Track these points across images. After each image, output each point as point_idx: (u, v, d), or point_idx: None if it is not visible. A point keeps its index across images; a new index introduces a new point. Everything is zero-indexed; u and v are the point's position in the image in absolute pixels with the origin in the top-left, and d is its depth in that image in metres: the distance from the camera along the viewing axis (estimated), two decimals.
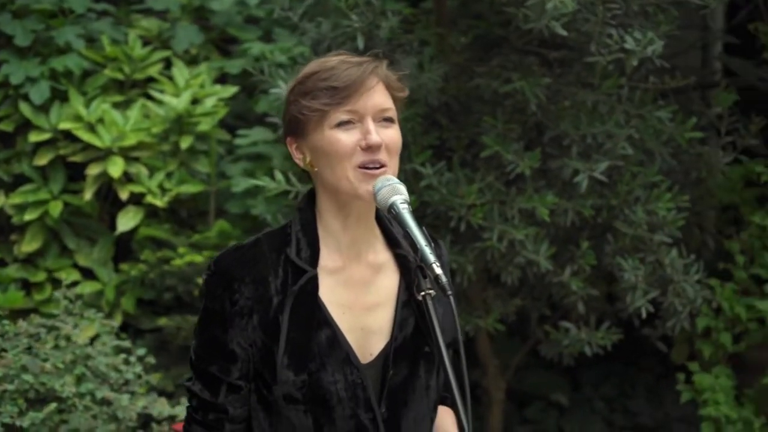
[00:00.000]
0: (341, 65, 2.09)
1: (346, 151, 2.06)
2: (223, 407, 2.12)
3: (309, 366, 2.06)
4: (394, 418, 2.12)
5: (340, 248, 2.13)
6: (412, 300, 2.15)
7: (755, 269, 4.51)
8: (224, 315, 2.10)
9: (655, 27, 3.78)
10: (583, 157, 3.93)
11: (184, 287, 4.60)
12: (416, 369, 2.15)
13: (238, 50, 5.42)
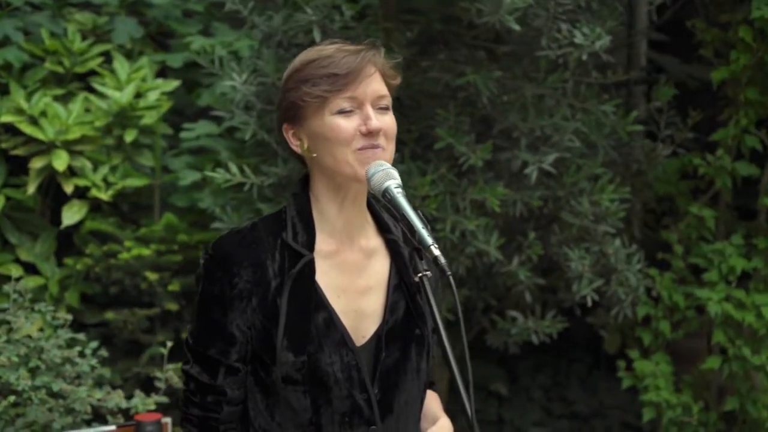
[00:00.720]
0: (339, 53, 2.13)
1: (347, 137, 2.09)
2: (222, 389, 2.15)
3: (308, 348, 2.10)
4: (386, 399, 2.16)
5: (335, 233, 2.17)
6: (402, 284, 2.20)
7: (692, 258, 4.66)
8: (223, 298, 2.12)
9: (602, 22, 3.91)
10: (531, 150, 4.03)
11: (131, 281, 4.58)
12: (408, 351, 2.20)
13: (176, 44, 5.42)
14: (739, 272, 4.52)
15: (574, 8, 3.83)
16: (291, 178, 4.00)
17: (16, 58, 4.85)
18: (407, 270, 2.21)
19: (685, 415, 4.59)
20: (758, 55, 4.33)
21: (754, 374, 4.58)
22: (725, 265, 4.52)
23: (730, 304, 4.45)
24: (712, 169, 4.57)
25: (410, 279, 2.21)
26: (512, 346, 4.46)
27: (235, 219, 4.25)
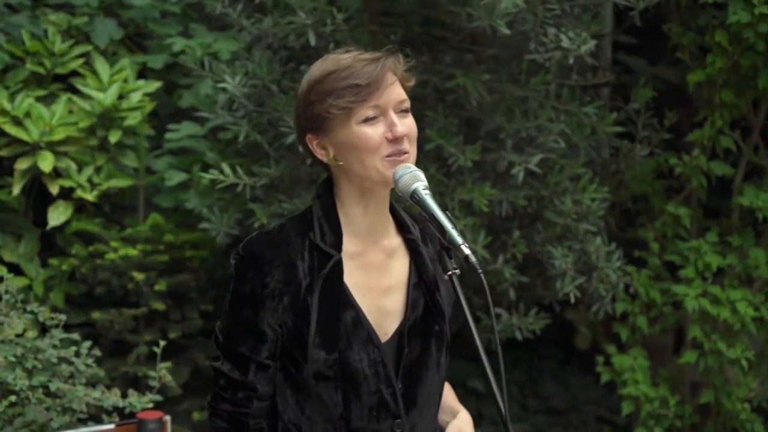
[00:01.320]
0: (358, 63, 2.20)
1: (375, 144, 2.16)
2: (252, 385, 2.22)
3: (341, 342, 2.18)
4: (410, 393, 2.25)
5: (360, 234, 2.25)
6: (421, 282, 2.28)
7: (668, 256, 4.80)
8: (255, 297, 2.19)
9: (586, 27, 4.02)
10: (517, 150, 4.13)
11: (117, 281, 4.61)
12: (428, 347, 2.29)
13: (154, 45, 5.45)
14: (714, 269, 4.66)
15: (560, 13, 3.94)
16: (282, 179, 4.07)
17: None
18: (426, 268, 2.30)
19: (662, 408, 4.73)
20: (733, 58, 4.47)
21: (728, 368, 4.73)
22: (701, 262, 4.65)
23: (706, 300, 4.59)
24: (688, 169, 4.71)
25: (428, 277, 2.30)
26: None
27: (224, 219, 4.31)
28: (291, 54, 4.18)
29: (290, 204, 4.02)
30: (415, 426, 2.26)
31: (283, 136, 3.95)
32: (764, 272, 4.70)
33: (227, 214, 4.38)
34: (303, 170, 4.08)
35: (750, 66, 4.50)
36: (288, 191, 4.08)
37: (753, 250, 4.71)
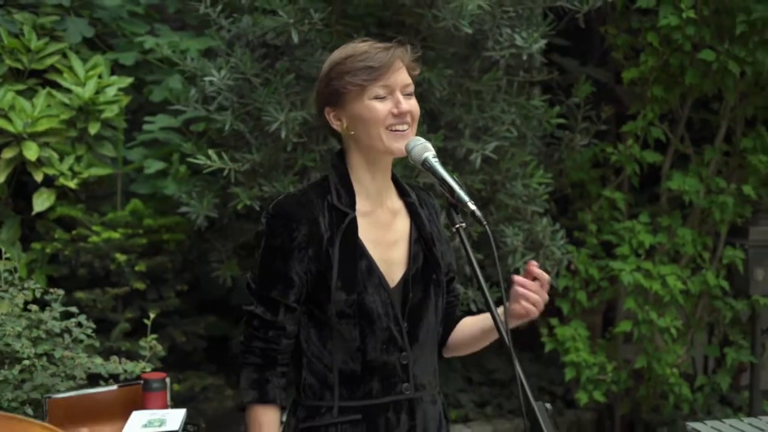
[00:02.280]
0: (372, 49, 2.62)
1: (382, 117, 2.59)
2: (282, 325, 2.61)
3: (357, 286, 2.59)
4: (413, 330, 2.67)
5: (369, 196, 2.66)
6: (420, 238, 2.71)
7: (605, 236, 5.30)
8: (284, 249, 2.58)
9: (536, 28, 4.48)
10: (474, 139, 4.57)
11: (100, 262, 4.93)
12: (428, 292, 2.71)
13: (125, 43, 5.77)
14: (646, 246, 5.18)
15: (514, 15, 4.39)
16: (262, 164, 4.45)
17: None
18: (424, 227, 2.72)
19: (601, 372, 5.23)
20: (663, 57, 4.99)
21: (658, 336, 5.25)
22: (634, 241, 5.17)
23: (639, 275, 5.11)
24: (623, 157, 5.23)
25: (426, 234, 2.72)
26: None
27: (203, 203, 4.66)
28: (267, 51, 4.57)
29: (270, 187, 4.40)
30: (417, 359, 2.68)
31: (264, 125, 4.33)
32: (690, 249, 5.24)
33: (205, 199, 4.74)
34: (281, 157, 4.46)
35: (678, 64, 5.03)
36: (267, 176, 4.46)
37: (680, 229, 5.25)
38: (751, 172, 5.24)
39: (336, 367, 2.62)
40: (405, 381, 2.64)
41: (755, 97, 5.25)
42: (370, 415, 2.62)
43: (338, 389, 2.62)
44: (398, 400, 2.64)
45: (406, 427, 2.65)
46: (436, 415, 2.73)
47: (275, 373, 2.63)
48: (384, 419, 2.63)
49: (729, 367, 5.45)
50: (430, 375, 2.73)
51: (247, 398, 2.64)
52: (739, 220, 5.33)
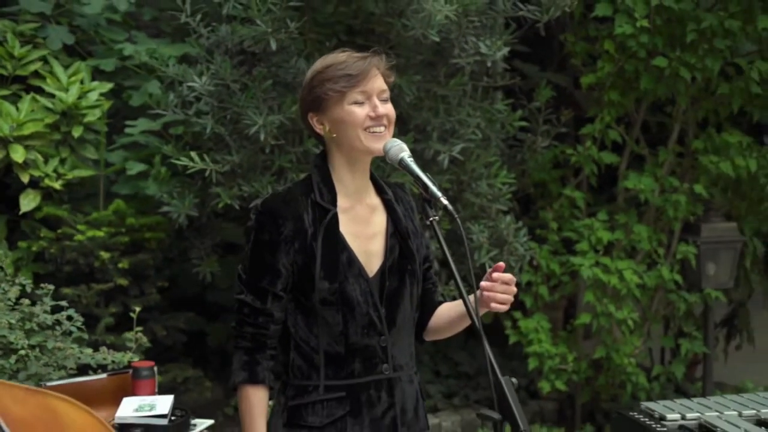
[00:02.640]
0: (350, 59, 2.88)
1: (360, 120, 2.84)
2: (270, 312, 2.85)
3: (339, 276, 2.84)
4: (391, 316, 2.92)
5: (349, 194, 2.92)
6: (396, 232, 2.96)
7: (565, 233, 5.60)
8: (272, 243, 2.83)
9: (499, 36, 4.76)
10: (441, 141, 4.84)
11: (85, 260, 5.15)
12: (404, 281, 2.96)
13: (104, 50, 5.99)
14: (604, 243, 5.48)
15: (479, 24, 4.67)
16: (242, 165, 4.69)
17: None
18: (399, 222, 2.98)
19: (562, 362, 5.52)
20: (619, 64, 5.29)
21: (616, 328, 5.55)
22: (593, 237, 5.46)
23: (598, 269, 5.40)
24: (582, 158, 5.52)
25: (402, 228, 2.97)
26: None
27: (185, 203, 4.90)
28: (245, 57, 4.81)
29: (248, 187, 4.64)
30: (395, 342, 2.93)
31: (243, 129, 4.58)
32: (646, 245, 5.54)
33: (185, 199, 4.97)
34: (259, 158, 4.70)
35: (633, 70, 5.34)
36: (246, 176, 4.71)
37: (636, 226, 5.56)
38: (702, 173, 5.56)
39: (321, 349, 2.86)
40: (384, 362, 2.89)
41: (705, 101, 5.56)
42: (353, 393, 2.86)
43: (324, 370, 2.86)
44: (378, 379, 2.89)
45: (386, 404, 2.90)
46: (413, 393, 2.99)
47: (264, 356, 2.87)
48: (366, 396, 2.87)
49: (683, 358, 5.76)
50: (407, 357, 2.98)
51: (238, 378, 2.87)
52: (691, 217, 5.64)
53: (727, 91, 5.37)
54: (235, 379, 2.88)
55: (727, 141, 5.47)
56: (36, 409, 2.38)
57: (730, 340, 6.67)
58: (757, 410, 3.46)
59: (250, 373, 2.86)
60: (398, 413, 2.92)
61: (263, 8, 4.47)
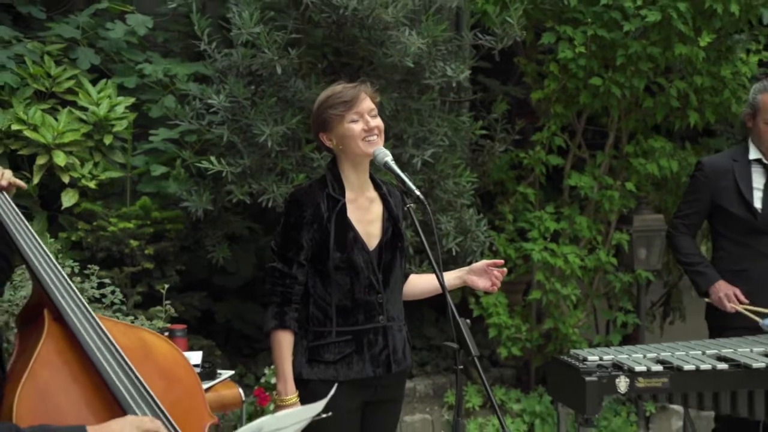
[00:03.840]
0: (344, 89, 3.85)
1: (357, 134, 3.82)
2: (295, 275, 3.83)
3: (347, 249, 3.84)
4: (386, 279, 3.88)
5: (353, 188, 3.90)
6: (389, 218, 3.96)
7: (519, 223, 6.60)
8: (297, 224, 3.81)
9: (462, 60, 5.78)
10: (415, 147, 5.85)
11: (117, 247, 6.12)
12: (395, 255, 3.94)
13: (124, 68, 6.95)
14: (552, 231, 6.48)
15: (446, 52, 5.68)
16: (251, 167, 5.67)
17: (12, 80, 6.30)
18: (392, 211, 3.97)
19: (518, 332, 6.53)
20: (562, 82, 6.28)
21: (562, 302, 6.56)
22: (543, 227, 6.46)
23: (546, 254, 6.39)
24: (533, 161, 6.53)
25: (393, 216, 3.97)
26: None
27: (203, 199, 5.87)
28: (252, 78, 5.80)
29: (257, 185, 5.62)
30: (389, 300, 3.89)
31: (252, 137, 5.57)
32: (586, 233, 6.53)
33: (201, 196, 5.95)
34: (266, 162, 5.69)
35: (574, 88, 6.29)
36: (255, 176, 5.69)
37: (578, 217, 6.53)
38: (632, 173, 6.52)
39: (334, 304, 3.82)
40: (381, 314, 3.87)
41: (634, 113, 6.46)
42: (358, 336, 3.83)
43: (335, 319, 3.83)
44: (376, 326, 3.87)
45: (382, 345, 3.87)
46: (402, 339, 3.97)
47: (291, 309, 3.83)
48: (367, 339, 3.84)
49: (619, 328, 6.76)
50: (398, 311, 3.94)
51: (271, 325, 3.84)
52: (625, 210, 6.58)
53: (651, 104, 6.29)
54: (269, 326, 3.83)
55: (653, 146, 6.42)
56: (133, 338, 3.29)
57: (665, 318, 7.67)
58: (658, 353, 4.50)
59: (279, 321, 3.82)
60: (391, 352, 3.90)
61: (270, 39, 5.46)
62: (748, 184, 4.96)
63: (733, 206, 4.96)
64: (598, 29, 5.95)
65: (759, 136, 4.98)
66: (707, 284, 4.97)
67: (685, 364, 4.29)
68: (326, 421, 3.70)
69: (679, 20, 5.75)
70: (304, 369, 3.81)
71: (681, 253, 5.13)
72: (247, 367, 6.79)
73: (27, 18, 7.17)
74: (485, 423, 6.43)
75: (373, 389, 3.88)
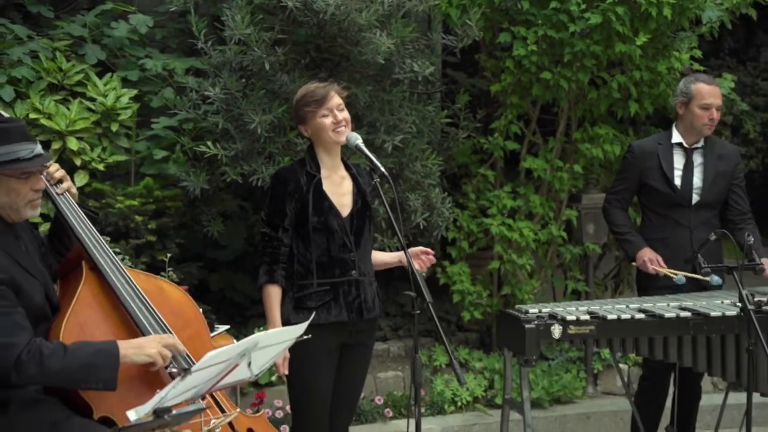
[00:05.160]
0: (317, 89, 4.63)
1: (328, 126, 4.60)
2: (281, 238, 4.63)
3: (323, 215, 4.66)
4: (357, 240, 4.67)
5: (327, 167, 4.71)
6: (358, 192, 4.76)
7: (481, 201, 7.40)
8: (282, 195, 4.62)
9: (428, 56, 6.59)
10: (387, 133, 6.65)
11: (123, 222, 6.90)
12: (364, 221, 4.74)
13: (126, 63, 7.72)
14: (509, 208, 7.30)
15: (413, 50, 6.49)
16: (243, 151, 6.47)
17: (28, 74, 7.08)
18: (360, 186, 4.76)
19: (479, 298, 7.34)
20: (517, 76, 7.09)
21: (519, 272, 7.37)
22: (501, 204, 7.26)
23: (504, 228, 7.20)
24: (492, 146, 7.34)
25: (362, 190, 4.76)
26: None
27: (200, 179, 6.65)
28: (243, 73, 6.60)
29: (248, 167, 6.41)
30: (360, 258, 4.66)
31: (244, 125, 6.36)
32: (540, 210, 7.29)
33: (198, 176, 6.74)
34: (256, 146, 6.48)
35: (527, 81, 7.04)
36: (246, 159, 6.48)
37: (533, 196, 7.30)
38: (580, 156, 7.31)
39: (314, 261, 4.61)
40: (354, 269, 4.67)
41: (581, 103, 7.18)
42: (335, 287, 4.60)
43: (315, 273, 4.61)
44: (350, 279, 4.66)
45: (355, 295, 4.65)
46: (372, 291, 4.75)
47: (278, 267, 4.64)
48: (342, 290, 4.62)
49: (570, 295, 7.56)
50: (369, 269, 4.72)
51: (262, 280, 4.64)
52: (574, 189, 7.36)
53: (596, 96, 7.09)
54: (261, 281, 4.63)
55: (598, 133, 7.19)
56: (151, 285, 4.09)
57: (617, 288, 8.48)
58: (588, 307, 5.33)
59: (269, 277, 4.62)
60: (362, 301, 4.70)
61: (259, 39, 6.26)
62: (670, 165, 5.77)
63: (657, 183, 5.77)
64: (548, 30, 6.65)
65: (692, 121, 5.72)
66: (634, 251, 5.79)
67: (609, 314, 5.12)
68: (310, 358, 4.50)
69: (617, 22, 6.56)
70: (291, 315, 4.59)
71: (614, 224, 5.95)
72: (239, 330, 7.59)
73: (35, 16, 7.92)
74: (450, 379, 7.23)
75: (348, 332, 4.67)
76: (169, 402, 3.24)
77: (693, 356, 5.17)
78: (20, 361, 3.48)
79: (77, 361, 3.53)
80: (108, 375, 3.54)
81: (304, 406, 4.62)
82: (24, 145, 3.65)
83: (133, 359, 3.62)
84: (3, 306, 3.54)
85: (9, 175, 3.67)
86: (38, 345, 3.53)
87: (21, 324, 3.55)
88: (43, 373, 3.50)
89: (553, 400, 7.17)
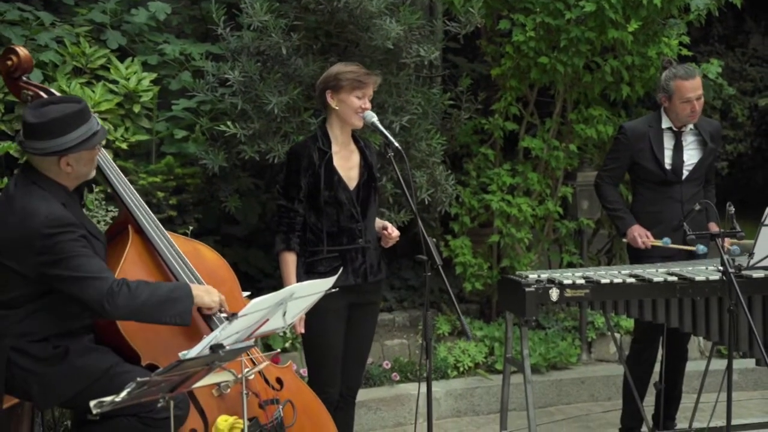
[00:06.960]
0: (360, 70, 5.05)
1: (356, 107, 5.03)
2: (296, 209, 5.05)
3: (333, 189, 5.08)
4: (363, 211, 5.12)
5: (338, 142, 5.14)
6: (365, 165, 5.18)
7: (482, 179, 7.83)
8: (296, 169, 5.03)
9: (434, 42, 7.02)
10: (394, 114, 7.08)
11: (145, 198, 7.28)
12: (370, 192, 5.17)
13: (145, 48, 8.13)
14: (508, 185, 7.73)
15: (419, 36, 6.92)
16: (260, 131, 6.89)
17: (55, 58, 7.49)
18: (367, 160, 5.15)
19: (480, 270, 7.77)
20: (516, 61, 7.50)
21: (517, 245, 7.81)
22: (500, 181, 7.68)
23: (503, 204, 7.62)
24: (493, 126, 7.77)
25: (369, 163, 5.17)
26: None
27: (219, 157, 7.08)
28: (260, 57, 7.02)
29: (264, 145, 6.83)
30: (366, 227, 5.11)
31: (261, 105, 6.79)
32: (537, 187, 7.70)
33: (217, 155, 7.16)
34: (272, 126, 6.90)
35: (526, 65, 7.42)
36: (263, 138, 6.89)
37: (530, 174, 7.70)
38: (575, 136, 7.73)
39: (325, 230, 5.05)
40: (360, 237, 5.11)
41: (576, 86, 7.57)
42: (343, 254, 5.05)
43: (326, 241, 5.05)
44: (357, 247, 5.11)
45: (361, 261, 5.09)
46: (377, 257, 5.20)
47: (294, 235, 5.07)
48: (350, 256, 5.06)
49: (565, 266, 8.02)
50: (373, 236, 5.17)
51: (279, 248, 5.07)
52: (569, 167, 7.75)
53: (590, 79, 7.48)
54: (278, 248, 5.04)
55: (592, 114, 7.60)
56: (188, 246, 4.54)
57: (610, 262, 8.88)
58: (583, 272, 5.78)
59: (286, 245, 5.05)
60: (368, 266, 5.14)
61: (276, 25, 6.69)
62: (660, 147, 6.15)
63: (649, 164, 6.16)
64: (545, 17, 7.00)
65: (677, 113, 6.10)
66: (624, 227, 6.19)
67: (602, 279, 5.56)
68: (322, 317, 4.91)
69: (610, 10, 6.98)
70: (302, 278, 4.99)
71: (606, 200, 6.35)
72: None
73: (56, 3, 8.31)
74: (453, 346, 7.68)
75: (356, 294, 5.10)
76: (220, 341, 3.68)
77: (679, 317, 5.61)
78: (112, 291, 3.92)
79: (158, 295, 3.98)
80: (184, 308, 4.00)
81: (320, 359, 5.06)
82: (93, 120, 4.08)
83: (202, 299, 4.07)
84: (89, 251, 3.98)
85: (90, 148, 4.10)
86: (125, 280, 3.97)
87: (105, 266, 4.00)
88: (129, 304, 3.94)
89: (549, 366, 7.62)
